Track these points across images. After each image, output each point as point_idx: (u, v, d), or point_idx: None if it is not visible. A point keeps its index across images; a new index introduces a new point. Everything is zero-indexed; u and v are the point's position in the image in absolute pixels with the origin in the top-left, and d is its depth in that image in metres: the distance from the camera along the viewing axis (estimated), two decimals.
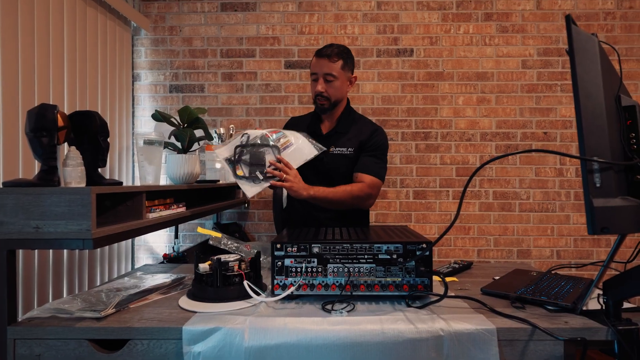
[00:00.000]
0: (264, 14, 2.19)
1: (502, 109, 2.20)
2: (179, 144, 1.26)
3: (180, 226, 2.23)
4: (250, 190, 1.01)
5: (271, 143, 1.07)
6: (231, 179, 2.09)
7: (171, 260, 1.70)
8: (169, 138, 1.26)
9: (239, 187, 1.98)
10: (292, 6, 2.19)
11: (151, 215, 1.01)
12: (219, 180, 1.72)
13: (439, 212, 2.19)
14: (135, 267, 2.20)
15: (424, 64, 2.21)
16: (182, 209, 1.20)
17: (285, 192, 1.28)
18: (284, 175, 1.02)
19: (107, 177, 1.85)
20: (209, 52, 2.22)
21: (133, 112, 2.27)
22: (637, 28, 2.17)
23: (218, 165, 2.02)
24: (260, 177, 1.00)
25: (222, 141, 2.09)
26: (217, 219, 2.20)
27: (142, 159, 1.11)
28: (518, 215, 2.17)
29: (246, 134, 1.10)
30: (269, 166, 1.02)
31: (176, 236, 2.00)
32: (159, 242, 2.26)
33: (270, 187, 1.04)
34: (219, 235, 1.05)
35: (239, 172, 1.02)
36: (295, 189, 1.03)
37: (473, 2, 2.16)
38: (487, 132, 2.20)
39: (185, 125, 1.28)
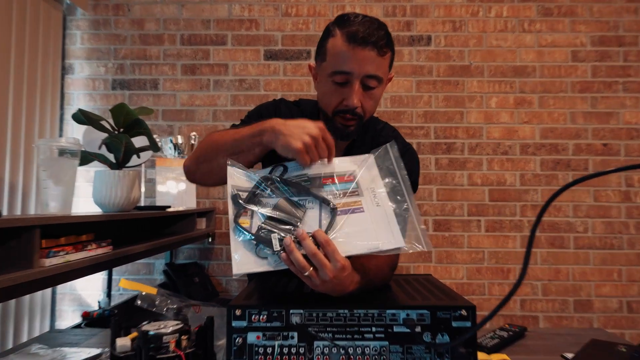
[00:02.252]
0: None
1: (548, 114, 2.16)
2: (111, 157, 1.16)
3: (121, 267, 2.06)
4: (244, 264, 0.66)
5: (326, 195, 0.72)
6: (191, 204, 2.02)
7: (93, 321, 1.51)
8: (99, 148, 1.17)
9: (203, 215, 1.97)
10: None
11: (50, 262, 0.84)
12: (169, 207, 1.61)
13: (468, 248, 2.12)
14: (56, 325, 2.02)
15: (445, 55, 2.17)
16: (104, 250, 1.03)
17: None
18: (324, 270, 0.65)
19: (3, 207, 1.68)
20: (166, 37, 2.18)
21: (62, 115, 2.15)
22: None
23: (178, 187, 1.94)
24: (277, 246, 0.65)
25: (179, 153, 2.01)
26: (171, 258, 2.12)
27: (45, 176, 0.94)
28: (573, 253, 2.10)
29: (284, 165, 0.77)
30: (294, 239, 0.66)
31: (108, 284, 1.79)
32: (91, 288, 2.09)
33: (282, 271, 0.69)
34: (152, 290, 0.86)
35: (243, 222, 0.69)
36: (333, 291, 0.70)
37: None
38: (529, 143, 2.14)
39: (122, 130, 1.19)
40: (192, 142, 2.05)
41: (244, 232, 0.67)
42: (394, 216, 0.70)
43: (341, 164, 0.78)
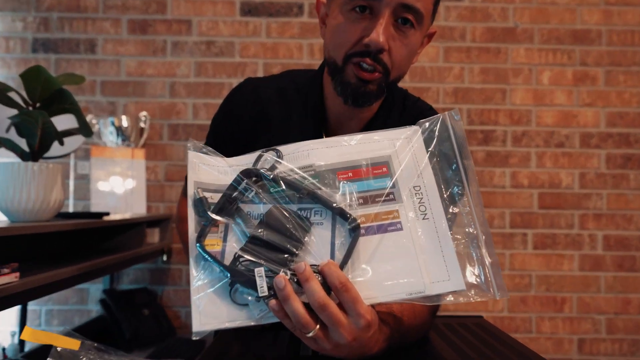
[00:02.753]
0: None
1: (617, 94, 2.14)
2: (24, 143, 1.13)
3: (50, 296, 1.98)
4: (210, 316, 0.58)
5: (344, 200, 0.63)
6: (139, 210, 1.98)
7: None
8: (6, 131, 1.16)
9: (156, 225, 1.92)
10: None
11: None
12: (107, 214, 1.55)
13: (510, 271, 2.10)
14: None
15: (483, 14, 2.15)
16: (7, 278, 0.95)
17: None
18: (338, 330, 0.59)
19: None
20: None
21: None
22: None
23: (124, 186, 1.91)
24: (264, 289, 0.57)
25: (124, 140, 1.99)
26: (112, 283, 2.08)
27: None
28: None
29: (277, 150, 0.68)
30: (292, 277, 0.58)
31: (21, 322, 1.68)
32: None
33: (268, 325, 0.61)
34: (74, 345, 0.72)
35: (210, 245, 0.61)
36: (349, 356, 0.63)
37: None
38: (592, 132, 2.14)
39: (38, 105, 1.15)
40: (142, 125, 2.01)
41: (212, 262, 0.58)
42: (449, 237, 0.60)
43: (366, 145, 0.66)
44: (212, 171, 0.65)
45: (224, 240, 0.60)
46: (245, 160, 0.66)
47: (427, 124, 0.66)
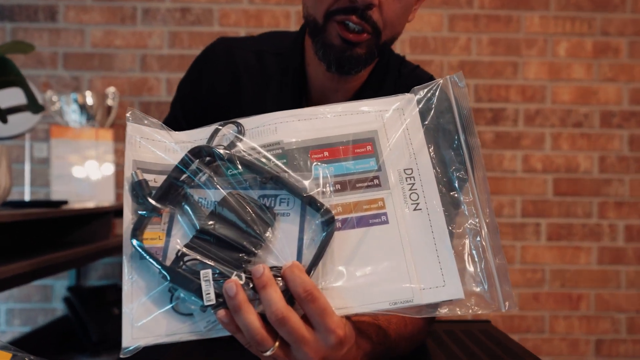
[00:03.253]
0: None
1: None
2: None
3: (4, 292, 1.87)
4: (145, 328, 0.55)
5: (317, 186, 0.59)
6: (107, 197, 1.97)
7: None
8: None
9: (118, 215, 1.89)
10: None
11: None
12: (65, 202, 1.51)
13: (521, 265, 2.07)
14: None
15: None
16: None
17: None
18: (301, 349, 0.56)
19: None
20: None
21: None
22: None
23: (88, 171, 1.87)
24: (212, 297, 0.54)
25: (88, 119, 1.91)
26: (78, 279, 2.02)
27: None
28: None
29: (238, 123, 0.66)
30: (246, 282, 0.56)
31: None
32: None
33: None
34: (4, 358, 0.80)
35: (150, 239, 0.58)
36: None
37: None
38: (614, 110, 2.09)
39: None
40: (110, 102, 1.92)
41: (150, 260, 0.54)
42: (447, 233, 0.56)
43: (348, 118, 0.61)
44: (156, 149, 0.59)
45: (168, 234, 0.55)
46: (199, 136, 0.60)
47: (423, 91, 0.60)
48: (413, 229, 0.55)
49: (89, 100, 1.84)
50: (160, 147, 0.59)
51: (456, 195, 0.58)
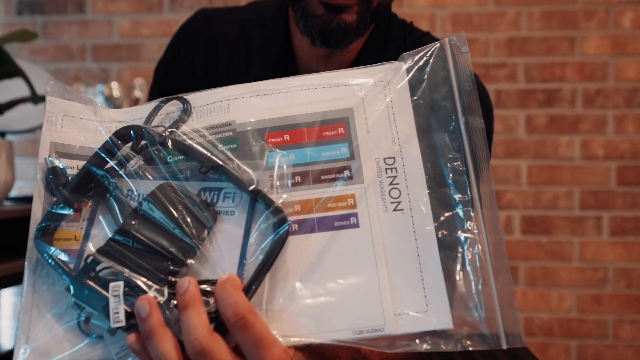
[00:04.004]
0: None
1: None
2: None
3: None
4: (41, 348, 0.50)
5: (270, 180, 0.56)
6: None
7: None
8: None
9: None
10: None
11: None
12: None
13: (581, 263, 2.00)
14: None
15: None
16: None
17: None
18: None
19: None
20: None
21: None
22: None
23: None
24: (121, 317, 0.48)
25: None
26: None
27: None
28: None
29: (184, 99, 0.59)
30: (167, 299, 0.50)
31: None
32: None
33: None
34: None
35: (63, 240, 0.57)
36: None
37: None
38: None
39: None
40: (136, 94, 1.90)
41: (53, 267, 0.47)
42: (435, 243, 0.47)
43: (318, 93, 0.53)
44: (81, 129, 0.52)
45: (86, 234, 0.48)
46: (138, 114, 0.53)
47: (414, 58, 0.51)
48: (391, 235, 0.46)
49: (115, 91, 1.85)
50: (88, 128, 0.51)
51: (449, 192, 0.49)
